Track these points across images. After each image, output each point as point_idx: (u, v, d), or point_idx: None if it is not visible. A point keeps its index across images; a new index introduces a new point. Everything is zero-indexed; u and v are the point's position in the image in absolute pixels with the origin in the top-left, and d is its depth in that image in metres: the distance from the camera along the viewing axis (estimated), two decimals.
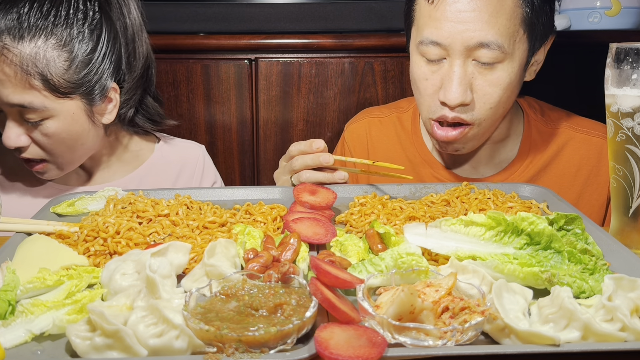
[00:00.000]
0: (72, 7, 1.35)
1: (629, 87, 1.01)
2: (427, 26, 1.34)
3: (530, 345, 0.75)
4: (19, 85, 1.31)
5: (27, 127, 1.37)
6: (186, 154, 1.68)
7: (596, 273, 0.93)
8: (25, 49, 1.30)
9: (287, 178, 1.36)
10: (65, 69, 1.34)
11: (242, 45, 2.03)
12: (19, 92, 1.32)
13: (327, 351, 0.71)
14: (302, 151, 1.32)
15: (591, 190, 1.54)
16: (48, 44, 1.32)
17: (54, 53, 1.33)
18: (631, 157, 1.02)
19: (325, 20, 2.06)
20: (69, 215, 1.22)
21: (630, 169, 1.03)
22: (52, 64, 1.33)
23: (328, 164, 1.30)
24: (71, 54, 1.35)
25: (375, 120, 1.69)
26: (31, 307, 0.83)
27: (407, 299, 0.77)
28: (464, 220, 1.01)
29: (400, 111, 1.68)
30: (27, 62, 1.30)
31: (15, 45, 1.30)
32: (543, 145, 1.54)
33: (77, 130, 1.41)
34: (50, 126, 1.37)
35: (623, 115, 1.02)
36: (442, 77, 1.35)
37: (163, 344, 0.74)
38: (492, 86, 1.33)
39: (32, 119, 1.35)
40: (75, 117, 1.39)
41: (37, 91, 1.33)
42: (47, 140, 1.39)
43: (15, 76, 1.31)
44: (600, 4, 2.12)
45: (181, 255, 0.97)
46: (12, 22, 1.30)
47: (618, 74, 1.03)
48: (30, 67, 1.31)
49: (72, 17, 1.35)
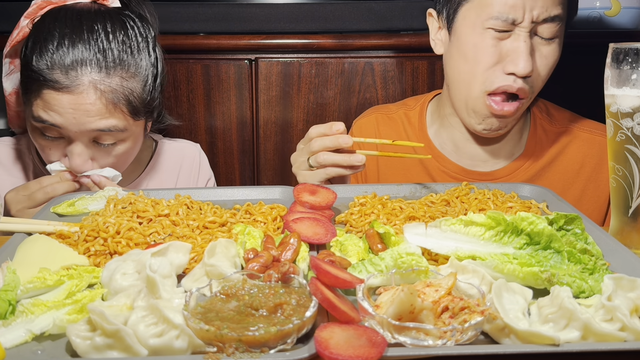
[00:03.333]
0: (137, 34, 1.41)
1: (628, 87, 1.01)
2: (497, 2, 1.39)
3: (530, 345, 0.76)
4: (107, 114, 1.37)
5: (94, 150, 1.41)
6: (184, 154, 1.71)
7: (596, 273, 0.93)
8: (112, 82, 1.37)
9: (304, 160, 1.36)
10: (143, 92, 1.42)
11: (242, 46, 2.03)
12: (104, 120, 1.37)
13: (327, 351, 0.71)
14: (322, 133, 1.33)
15: (594, 187, 1.57)
16: (129, 73, 1.39)
17: (134, 81, 1.40)
18: (631, 157, 1.03)
19: (325, 20, 2.06)
20: (69, 215, 1.22)
21: (630, 169, 1.03)
22: (134, 90, 1.40)
23: (347, 146, 1.31)
24: (146, 78, 1.43)
25: (384, 116, 1.72)
26: (31, 307, 0.83)
27: (407, 298, 0.77)
28: (464, 220, 1.01)
29: (408, 108, 1.71)
30: (116, 94, 1.37)
31: (103, 80, 1.36)
32: (547, 143, 1.59)
33: (137, 148, 1.49)
34: (121, 148, 1.43)
35: (622, 115, 1.02)
36: (506, 49, 1.41)
37: (163, 343, 0.75)
38: (548, 58, 1.44)
39: (107, 142, 1.40)
40: (139, 136, 1.48)
41: (121, 117, 1.39)
42: (111, 160, 1.43)
43: (105, 107, 1.36)
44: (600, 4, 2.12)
45: (181, 255, 0.98)
46: (98, 56, 1.35)
47: (617, 74, 1.03)
48: (119, 96, 1.37)
49: (142, 44, 1.42)
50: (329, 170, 1.33)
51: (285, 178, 2.11)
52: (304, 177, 1.37)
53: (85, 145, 1.40)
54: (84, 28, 1.36)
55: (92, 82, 1.35)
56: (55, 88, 1.34)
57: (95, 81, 1.35)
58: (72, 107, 1.34)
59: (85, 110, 1.35)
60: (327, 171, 1.33)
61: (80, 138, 1.38)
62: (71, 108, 1.35)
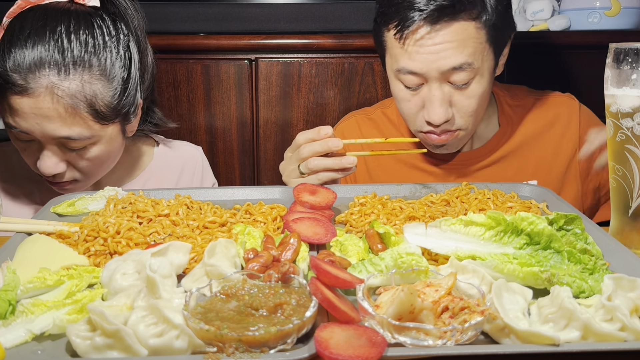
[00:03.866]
0: (105, 33, 1.35)
1: (628, 87, 1.01)
2: (401, 57, 1.41)
3: (530, 345, 0.75)
4: (69, 119, 1.31)
5: (66, 154, 1.37)
6: (185, 157, 1.69)
7: (596, 273, 0.93)
8: (72, 85, 1.29)
9: (295, 168, 1.36)
10: (110, 96, 1.35)
11: (242, 46, 2.03)
12: (67, 126, 1.31)
13: (327, 351, 0.71)
14: (310, 139, 1.32)
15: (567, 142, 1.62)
16: (92, 75, 1.32)
17: (98, 84, 1.33)
18: (631, 157, 1.02)
19: (325, 20, 2.06)
20: (70, 215, 1.22)
21: (630, 169, 1.03)
22: (98, 94, 1.32)
23: (337, 149, 1.31)
24: (113, 80, 1.35)
25: (363, 118, 1.74)
26: (31, 307, 0.83)
27: (407, 298, 0.77)
28: (464, 220, 1.01)
29: (385, 107, 1.74)
30: (76, 97, 1.30)
31: (62, 82, 1.28)
32: (517, 116, 1.64)
33: (114, 150, 1.44)
34: (93, 151, 1.38)
35: (623, 115, 1.02)
36: (422, 98, 1.43)
37: (163, 343, 0.75)
38: (468, 99, 1.43)
39: (75, 147, 1.35)
40: (115, 138, 1.41)
41: (85, 123, 1.32)
42: (86, 164, 1.39)
43: (65, 112, 1.30)
44: (600, 4, 2.12)
45: (181, 255, 0.97)
46: (55, 57, 1.29)
47: (617, 74, 1.02)
48: (80, 101, 1.30)
49: (108, 44, 1.35)
50: (321, 175, 1.33)
51: None
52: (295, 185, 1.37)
53: (56, 150, 1.36)
54: (47, 28, 1.30)
55: (50, 84, 1.28)
56: (16, 92, 1.28)
57: (53, 84, 1.28)
58: (32, 112, 1.29)
59: (45, 115, 1.29)
60: (319, 176, 1.33)
61: (49, 142, 1.34)
62: (32, 113, 1.29)
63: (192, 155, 1.70)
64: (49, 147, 1.35)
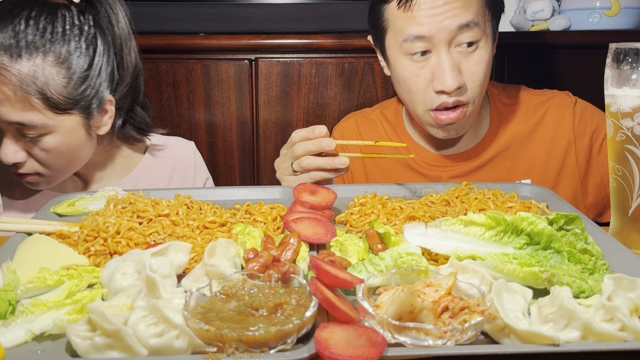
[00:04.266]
0: (67, 23, 1.34)
1: (628, 87, 1.01)
2: (407, 25, 1.42)
3: (530, 345, 0.75)
4: (18, 104, 1.30)
5: (25, 143, 1.36)
6: (177, 153, 1.67)
7: (596, 273, 0.93)
8: (23, 68, 1.29)
9: (288, 165, 1.36)
10: (64, 85, 1.33)
11: (242, 46, 2.03)
12: (18, 111, 1.31)
13: (327, 351, 0.71)
14: (304, 137, 1.33)
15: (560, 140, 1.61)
16: (46, 62, 1.31)
17: (52, 70, 1.31)
18: (631, 157, 1.02)
19: (325, 20, 2.06)
20: (70, 215, 1.22)
21: (630, 169, 1.03)
22: (51, 81, 1.31)
23: (330, 149, 1.31)
24: (69, 70, 1.34)
25: (362, 119, 1.74)
26: (31, 307, 0.83)
27: (407, 298, 0.77)
28: (464, 220, 1.01)
29: (384, 108, 1.75)
30: (26, 81, 1.29)
31: (13, 65, 1.28)
32: (511, 115, 1.64)
33: (75, 144, 1.41)
34: (49, 141, 1.36)
35: (623, 116, 1.02)
36: (431, 69, 1.43)
37: (163, 343, 0.75)
38: (477, 65, 1.44)
39: (30, 135, 1.34)
40: (74, 131, 1.39)
41: (36, 109, 1.31)
42: (45, 155, 1.38)
43: (14, 95, 1.29)
44: (600, 4, 2.12)
45: (181, 255, 0.97)
46: (9, 40, 1.29)
47: (617, 74, 1.02)
48: (30, 85, 1.29)
49: (68, 34, 1.34)
50: (313, 174, 1.33)
51: None
52: (288, 183, 1.37)
53: (14, 137, 1.36)
54: (11, 13, 1.31)
55: (2, 66, 1.28)
56: None
57: (3, 65, 1.28)
58: None
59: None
60: (311, 175, 1.33)
61: (6, 129, 1.35)
62: None
63: (184, 152, 1.69)
64: (7, 135, 1.36)
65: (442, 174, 1.62)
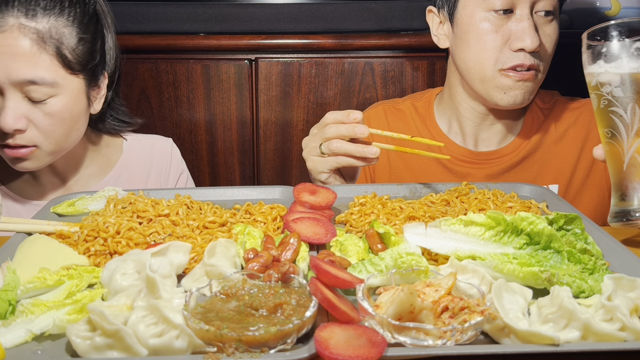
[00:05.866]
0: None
1: (602, 61, 1.11)
2: None
3: (529, 345, 0.76)
4: (32, 59, 1.33)
5: (28, 109, 1.36)
6: (154, 150, 1.67)
7: (596, 273, 0.93)
8: (39, 25, 1.34)
9: (316, 146, 1.33)
10: (76, 44, 1.39)
11: (242, 46, 2.03)
12: (31, 67, 1.33)
13: (327, 351, 0.71)
14: (338, 120, 1.30)
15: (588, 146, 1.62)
16: (59, 22, 1.36)
17: (65, 30, 1.37)
18: (615, 118, 1.10)
19: (325, 20, 2.06)
20: (69, 215, 1.22)
21: (617, 127, 1.10)
22: (64, 38, 1.37)
23: (363, 136, 1.28)
24: (80, 30, 1.40)
25: (391, 108, 1.72)
26: (31, 307, 0.83)
27: (407, 298, 0.77)
28: (464, 220, 1.01)
29: (414, 99, 1.73)
30: (43, 35, 1.34)
31: (29, 22, 1.33)
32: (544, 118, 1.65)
33: (77, 111, 1.42)
34: (55, 104, 1.37)
35: (602, 85, 1.11)
36: (511, 28, 1.46)
37: (163, 343, 0.75)
38: (551, 35, 1.51)
39: (37, 97, 1.35)
40: (79, 96, 1.42)
41: (49, 65, 1.35)
42: (47, 121, 1.37)
43: (30, 51, 1.33)
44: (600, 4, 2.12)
45: (181, 255, 0.98)
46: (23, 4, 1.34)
47: (591, 53, 1.12)
48: (46, 42, 1.34)
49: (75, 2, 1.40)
50: (341, 159, 1.30)
51: (285, 178, 2.11)
52: (313, 163, 1.35)
53: (17, 102, 1.35)
54: None
55: (17, 21, 1.33)
56: None
57: (20, 21, 1.33)
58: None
59: (11, 53, 1.32)
60: (339, 160, 1.31)
61: (10, 91, 1.34)
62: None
63: (161, 148, 1.69)
64: (11, 98, 1.34)
65: (471, 171, 1.61)
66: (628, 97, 1.08)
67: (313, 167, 1.36)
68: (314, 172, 1.38)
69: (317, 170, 1.36)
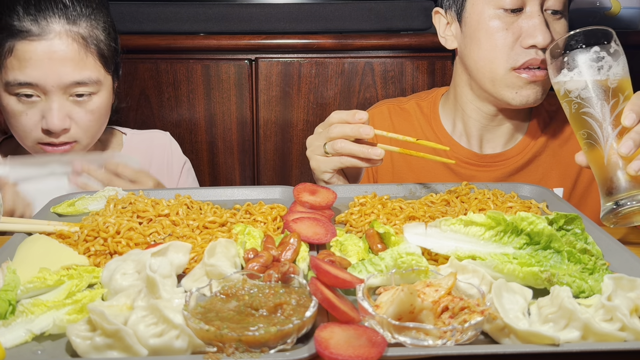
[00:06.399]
0: None
1: (565, 70, 1.19)
2: None
3: (529, 345, 0.76)
4: (81, 61, 1.44)
5: (71, 108, 1.46)
6: (154, 143, 1.73)
7: (596, 273, 0.93)
8: (81, 29, 1.45)
9: (321, 145, 1.33)
10: (109, 43, 1.51)
11: (242, 46, 2.03)
12: (79, 69, 1.44)
13: (327, 351, 0.71)
14: (343, 120, 1.30)
15: None
16: (93, 24, 1.48)
17: (97, 31, 1.49)
18: (587, 118, 1.15)
19: (325, 20, 2.06)
20: (70, 215, 1.22)
21: (591, 126, 1.15)
22: (100, 39, 1.49)
23: (368, 137, 1.28)
24: (109, 33, 1.52)
25: (396, 107, 1.71)
26: (31, 307, 0.83)
27: (407, 298, 0.77)
28: (464, 220, 1.01)
29: (419, 99, 1.72)
30: (86, 38, 1.46)
31: (73, 27, 1.44)
32: (550, 121, 1.65)
33: (108, 108, 1.55)
34: (96, 101, 1.49)
35: (569, 91, 1.18)
36: (521, 26, 1.45)
37: (163, 343, 0.75)
38: (560, 33, 1.48)
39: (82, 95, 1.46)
40: (110, 93, 1.55)
41: (93, 66, 1.47)
42: (88, 117, 1.48)
43: (78, 53, 1.44)
44: (600, 4, 2.12)
45: (181, 255, 0.98)
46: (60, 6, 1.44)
47: (555, 65, 1.20)
48: (89, 42, 1.46)
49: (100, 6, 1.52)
50: (344, 159, 1.30)
51: (285, 178, 2.11)
52: (317, 162, 1.35)
53: (61, 103, 1.44)
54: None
55: (62, 28, 1.43)
56: (28, 39, 1.40)
57: (65, 28, 1.43)
58: (47, 57, 1.41)
59: (60, 59, 1.42)
60: (342, 160, 1.30)
61: (56, 94, 1.43)
62: (46, 58, 1.41)
63: (160, 140, 1.76)
64: (57, 100, 1.44)
65: (476, 174, 1.59)
66: (594, 96, 1.15)
67: (316, 167, 1.36)
68: (317, 171, 1.37)
69: (321, 169, 1.35)
